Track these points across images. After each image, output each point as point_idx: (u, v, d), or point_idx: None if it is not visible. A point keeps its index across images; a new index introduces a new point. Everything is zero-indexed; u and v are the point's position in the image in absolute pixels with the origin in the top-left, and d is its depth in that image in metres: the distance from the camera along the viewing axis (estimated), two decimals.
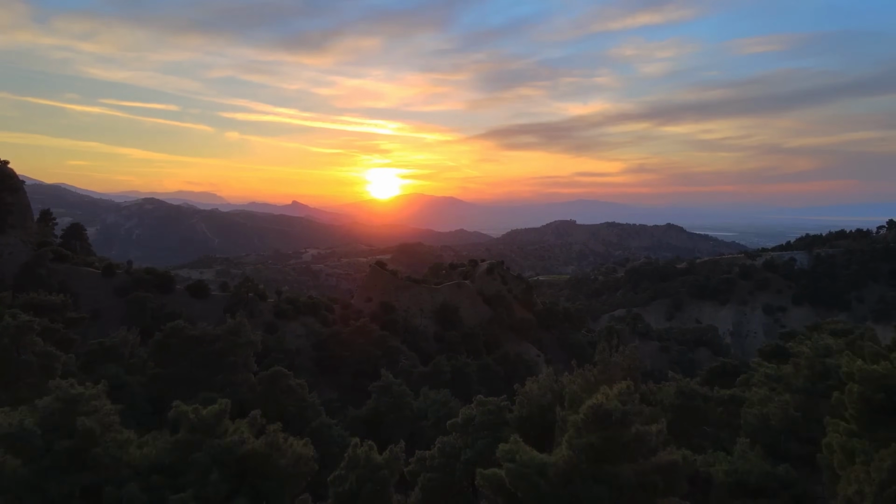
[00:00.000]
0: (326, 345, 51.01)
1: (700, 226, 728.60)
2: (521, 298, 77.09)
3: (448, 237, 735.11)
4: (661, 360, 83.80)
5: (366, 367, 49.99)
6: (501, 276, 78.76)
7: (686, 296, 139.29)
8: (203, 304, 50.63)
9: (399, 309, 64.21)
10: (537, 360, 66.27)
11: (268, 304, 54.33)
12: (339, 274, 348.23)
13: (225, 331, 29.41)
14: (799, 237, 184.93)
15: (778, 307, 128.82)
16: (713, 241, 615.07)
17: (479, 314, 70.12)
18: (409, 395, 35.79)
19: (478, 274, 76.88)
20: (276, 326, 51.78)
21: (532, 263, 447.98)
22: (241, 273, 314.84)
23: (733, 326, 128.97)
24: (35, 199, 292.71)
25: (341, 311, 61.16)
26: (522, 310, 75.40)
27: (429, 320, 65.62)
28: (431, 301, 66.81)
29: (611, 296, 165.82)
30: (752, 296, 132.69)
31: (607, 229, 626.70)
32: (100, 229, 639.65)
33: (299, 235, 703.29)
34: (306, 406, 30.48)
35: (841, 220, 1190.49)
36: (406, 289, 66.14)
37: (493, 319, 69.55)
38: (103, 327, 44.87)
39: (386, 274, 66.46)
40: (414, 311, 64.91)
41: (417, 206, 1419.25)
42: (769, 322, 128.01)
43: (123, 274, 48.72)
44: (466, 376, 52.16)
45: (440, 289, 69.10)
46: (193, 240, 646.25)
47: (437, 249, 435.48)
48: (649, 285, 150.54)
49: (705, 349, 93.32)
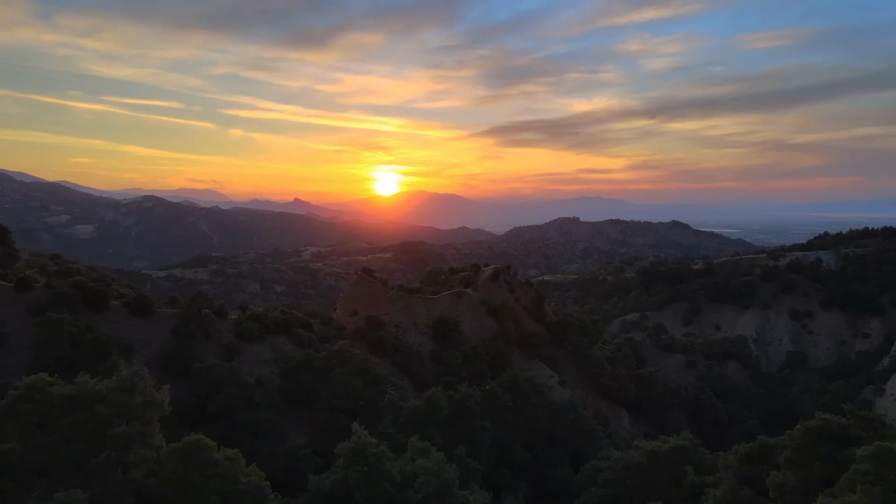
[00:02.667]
0: (297, 373, 41.85)
1: (703, 223, 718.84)
2: (530, 308, 67.78)
3: (450, 235, 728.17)
4: (688, 377, 74.52)
5: (345, 400, 40.87)
6: (508, 283, 69.43)
7: (704, 299, 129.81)
8: (146, 325, 41.48)
9: (389, 324, 55.00)
10: (551, 383, 57.01)
11: (228, 322, 45.13)
12: (339, 273, 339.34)
13: (112, 388, 20.14)
14: (817, 235, 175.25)
15: (805, 312, 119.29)
16: (719, 239, 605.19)
17: (482, 328, 60.88)
18: (389, 458, 26.59)
19: (481, 281, 67.59)
20: (235, 350, 42.62)
21: (536, 261, 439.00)
22: (238, 271, 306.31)
23: (756, 333, 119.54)
24: (34, 197, 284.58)
25: (321, 327, 51.94)
26: (532, 322, 66.17)
27: (424, 337, 56.37)
28: (427, 314, 57.59)
29: (622, 298, 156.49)
30: (776, 299, 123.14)
31: (611, 226, 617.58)
32: (98, 227, 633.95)
33: (300, 233, 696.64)
34: (240, 492, 21.35)
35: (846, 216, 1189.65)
36: (397, 300, 56.96)
37: (499, 334, 60.28)
38: (10, 358, 35.78)
39: (374, 283, 57.18)
40: (406, 326, 55.68)
41: (419, 204, 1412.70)
42: (796, 328, 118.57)
43: (43, 288, 39.53)
44: (468, 410, 42.97)
45: (437, 299, 59.83)
46: (193, 238, 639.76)
47: (439, 247, 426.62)
48: (664, 287, 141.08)
49: (734, 362, 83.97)
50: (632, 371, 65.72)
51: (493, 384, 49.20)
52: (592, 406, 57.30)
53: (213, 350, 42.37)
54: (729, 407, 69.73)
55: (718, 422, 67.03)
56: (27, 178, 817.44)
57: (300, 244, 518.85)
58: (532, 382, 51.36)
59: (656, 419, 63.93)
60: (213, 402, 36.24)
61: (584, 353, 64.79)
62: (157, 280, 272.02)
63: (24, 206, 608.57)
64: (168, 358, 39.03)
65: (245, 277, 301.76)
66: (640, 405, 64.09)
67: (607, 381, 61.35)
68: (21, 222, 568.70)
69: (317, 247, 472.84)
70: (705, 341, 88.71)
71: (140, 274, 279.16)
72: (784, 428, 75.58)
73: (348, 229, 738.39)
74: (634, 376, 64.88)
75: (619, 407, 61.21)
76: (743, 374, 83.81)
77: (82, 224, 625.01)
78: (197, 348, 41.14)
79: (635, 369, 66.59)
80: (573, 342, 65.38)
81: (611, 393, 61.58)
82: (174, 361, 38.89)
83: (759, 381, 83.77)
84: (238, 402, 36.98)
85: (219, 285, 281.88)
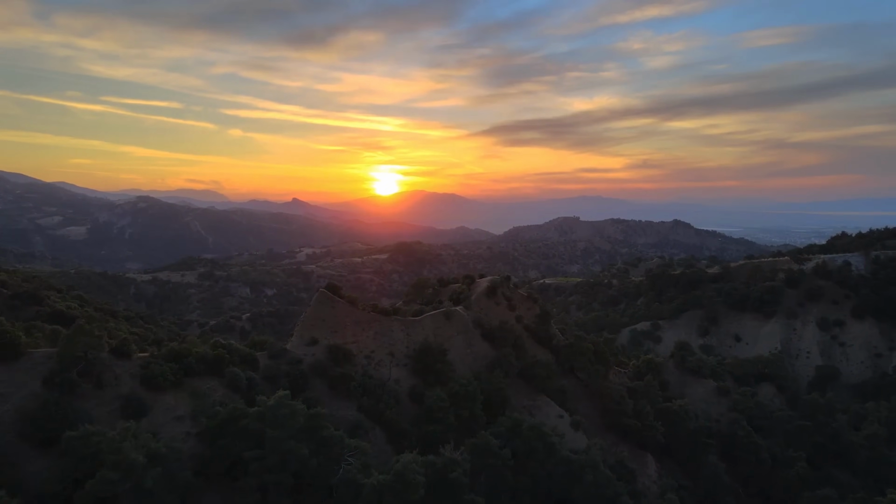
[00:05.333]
0: (220, 435, 30.65)
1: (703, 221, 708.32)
2: (534, 329, 56.55)
3: (449, 235, 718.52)
4: (719, 407, 63.26)
5: (283, 475, 29.64)
6: (507, 299, 58.07)
7: (722, 307, 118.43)
8: (9, 373, 30.17)
9: (358, 355, 43.71)
10: (561, 426, 45.76)
11: (133, 362, 33.80)
12: (332, 275, 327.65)
13: None
14: (835, 234, 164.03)
15: (835, 321, 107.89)
16: (722, 238, 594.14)
17: (476, 356, 49.59)
18: None
19: (475, 296, 56.22)
20: (139, 404, 31.38)
21: (536, 262, 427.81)
22: (227, 274, 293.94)
23: (781, 345, 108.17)
24: (28, 198, 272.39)
25: (269, 362, 40.67)
26: (536, 345, 54.99)
27: (403, 369, 45.07)
28: (407, 340, 46.29)
29: (630, 304, 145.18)
30: (802, 308, 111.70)
31: (612, 226, 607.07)
32: (91, 228, 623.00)
33: (297, 233, 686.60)
34: None
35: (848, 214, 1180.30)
36: (369, 324, 45.68)
37: (497, 363, 49.00)
38: None
39: (339, 303, 45.76)
40: (380, 357, 44.38)
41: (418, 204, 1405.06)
42: (825, 340, 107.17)
43: None
44: (453, 484, 31.81)
45: (421, 321, 48.48)
46: (187, 238, 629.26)
47: (437, 248, 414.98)
48: (676, 293, 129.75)
49: (769, 385, 72.72)
50: (657, 404, 54.53)
51: (487, 436, 38.05)
52: (612, 452, 46.14)
53: (107, 404, 31.11)
54: (770, 443, 58.61)
55: (760, 462, 55.92)
56: (22, 178, 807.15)
57: (297, 245, 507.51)
58: (538, 430, 40.14)
59: (687, 464, 52.80)
60: (82, 495, 25.10)
61: (599, 384, 53.53)
62: (141, 284, 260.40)
63: (17, 208, 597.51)
64: (31, 422, 27.88)
65: (234, 281, 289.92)
66: (667, 446, 52.92)
67: (629, 421, 50.19)
68: (13, 224, 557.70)
69: (312, 248, 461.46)
70: (734, 360, 77.20)
71: (124, 277, 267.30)
72: (833, 466, 62.10)
73: (346, 230, 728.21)
74: (660, 411, 53.71)
75: (643, 452, 50.00)
76: (779, 398, 72.63)
77: (75, 225, 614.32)
78: (81, 404, 29.94)
79: (661, 401, 55.36)
80: (586, 370, 54.03)
81: (633, 434, 50.45)
82: (39, 427, 27.75)
83: (797, 405, 72.66)
84: (119, 489, 25.84)
85: (206, 289, 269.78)
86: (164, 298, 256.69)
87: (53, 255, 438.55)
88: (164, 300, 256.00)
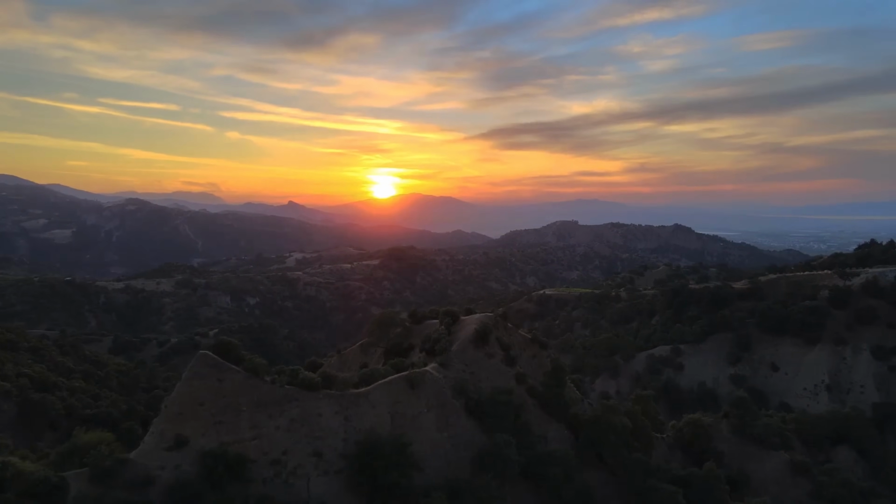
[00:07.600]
0: None
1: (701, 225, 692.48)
2: (542, 394, 39.00)
3: (445, 238, 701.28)
4: (798, 490, 45.85)
5: None
6: (504, 348, 40.37)
7: (755, 330, 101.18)
8: None
9: (259, 460, 26.23)
10: None
11: None
12: (319, 283, 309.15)
13: None
14: (863, 243, 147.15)
15: (892, 349, 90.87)
16: (723, 243, 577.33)
17: (455, 444, 32.16)
18: None
19: (458, 344, 38.68)
20: None
21: (534, 268, 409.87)
22: (206, 282, 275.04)
23: (829, 377, 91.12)
24: (14, 201, 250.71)
25: (85, 490, 23.06)
26: (546, 419, 37.62)
27: (337, 482, 27.58)
28: (345, 430, 28.88)
29: (644, 322, 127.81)
30: (852, 332, 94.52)
31: (611, 230, 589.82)
32: (76, 231, 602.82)
33: (290, 237, 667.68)
34: None
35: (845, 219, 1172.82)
36: (282, 405, 28.41)
37: (488, 459, 31.59)
38: None
39: (230, 373, 28.20)
40: (298, 461, 26.89)
41: (415, 207, 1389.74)
42: (882, 371, 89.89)
43: None
44: None
45: (369, 393, 31.17)
46: (176, 242, 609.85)
47: (431, 253, 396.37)
48: (699, 312, 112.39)
49: (847, 449, 55.42)
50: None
51: None
52: None
53: None
54: None
55: None
56: (11, 180, 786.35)
57: (289, 249, 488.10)
58: None
59: None
60: None
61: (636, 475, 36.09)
62: (112, 293, 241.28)
63: (2, 210, 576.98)
64: None
65: (214, 289, 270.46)
66: None
67: None
68: None
69: (303, 252, 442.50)
70: (799, 416, 59.35)
71: (93, 286, 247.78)
72: None
73: (340, 233, 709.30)
74: None
75: None
76: (861, 465, 55.35)
77: (60, 228, 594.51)
78: None
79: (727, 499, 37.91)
80: (620, 458, 36.58)
81: None
82: None
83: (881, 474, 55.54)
84: None
85: (182, 298, 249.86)
86: (137, 309, 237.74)
87: (35, 260, 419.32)
88: (136, 311, 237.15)
